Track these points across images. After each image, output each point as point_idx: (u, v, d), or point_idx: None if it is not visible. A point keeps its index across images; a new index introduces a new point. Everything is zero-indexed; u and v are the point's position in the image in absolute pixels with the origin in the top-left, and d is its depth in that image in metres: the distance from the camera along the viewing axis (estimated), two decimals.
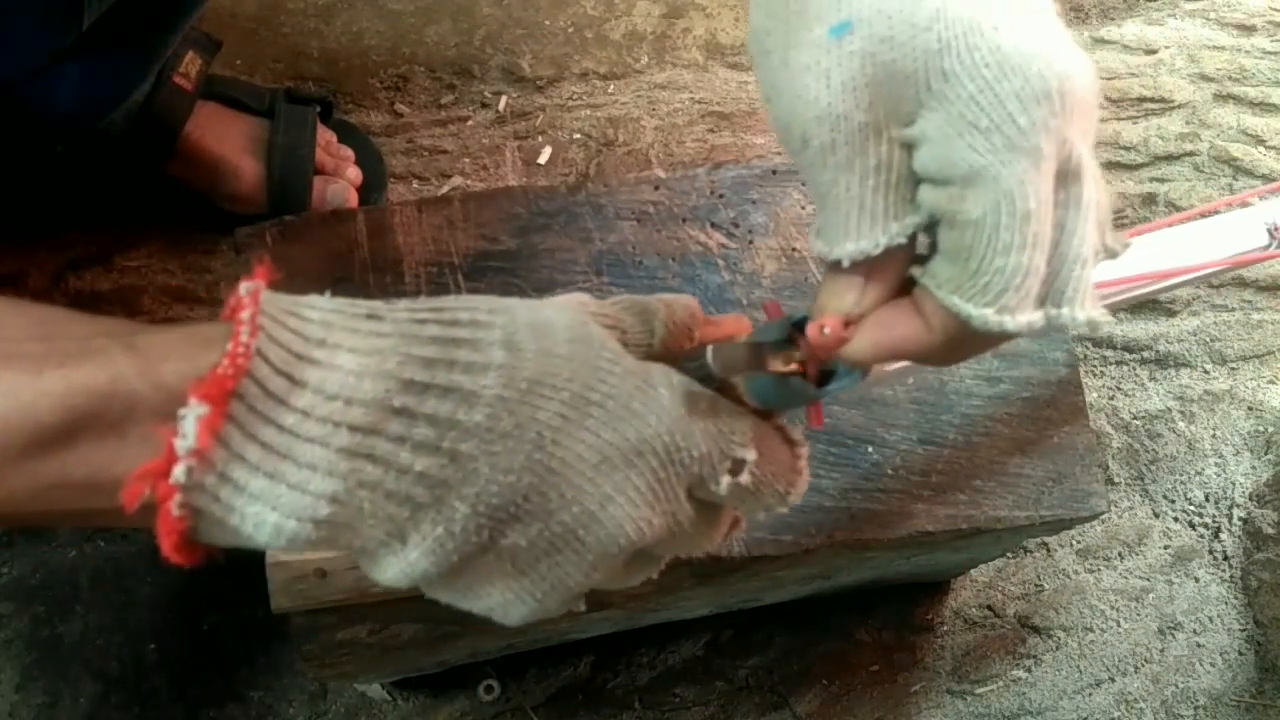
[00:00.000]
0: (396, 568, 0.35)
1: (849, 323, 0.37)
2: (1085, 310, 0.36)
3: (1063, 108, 0.33)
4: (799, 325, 0.39)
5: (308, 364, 0.32)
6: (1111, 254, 0.37)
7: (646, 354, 0.40)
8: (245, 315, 0.32)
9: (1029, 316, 0.35)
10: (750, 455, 0.37)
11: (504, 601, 0.37)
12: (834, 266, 0.38)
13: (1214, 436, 1.10)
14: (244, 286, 0.33)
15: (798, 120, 0.36)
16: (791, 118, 0.36)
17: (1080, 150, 0.35)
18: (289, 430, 0.31)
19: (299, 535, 0.32)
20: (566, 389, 0.35)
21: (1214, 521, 1.07)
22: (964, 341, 0.37)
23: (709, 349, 0.37)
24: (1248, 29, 1.25)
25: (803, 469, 0.39)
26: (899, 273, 0.38)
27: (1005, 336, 0.36)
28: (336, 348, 0.33)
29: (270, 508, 0.32)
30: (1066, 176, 0.35)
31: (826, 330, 0.37)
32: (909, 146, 0.36)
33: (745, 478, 0.37)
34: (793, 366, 0.39)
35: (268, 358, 0.32)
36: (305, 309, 0.34)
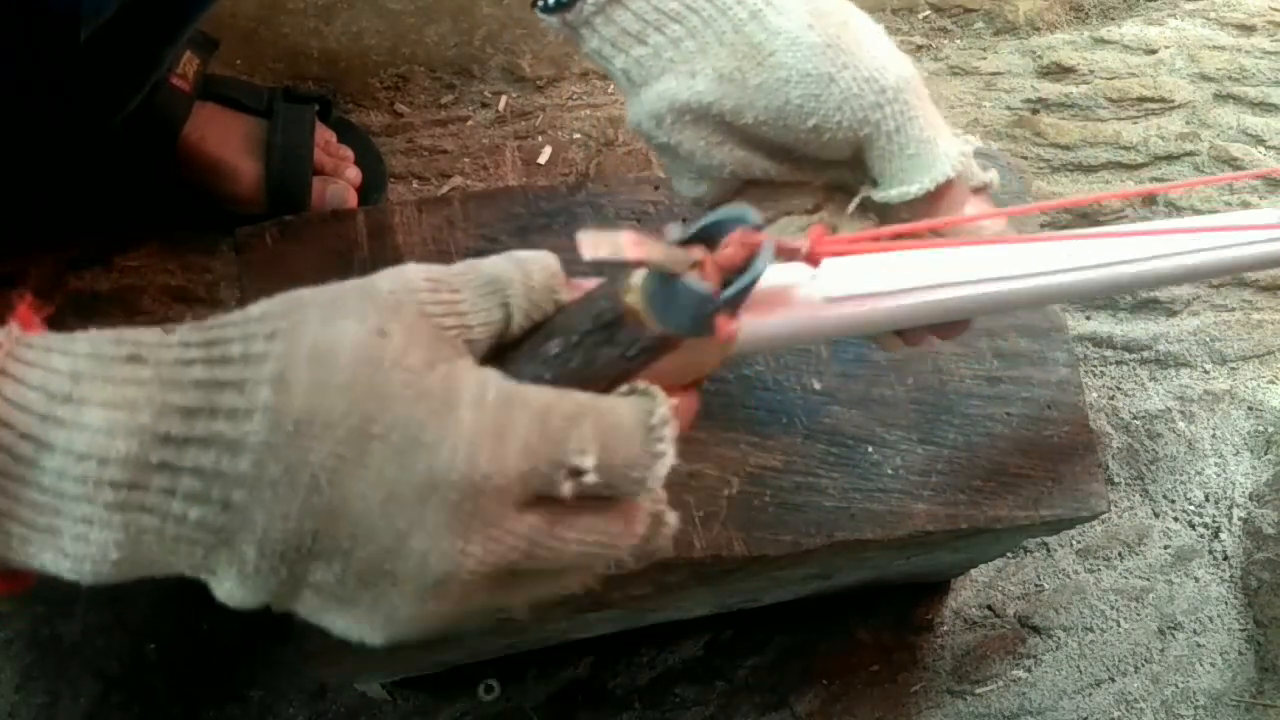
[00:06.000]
0: (222, 594, 0.34)
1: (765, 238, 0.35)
2: None
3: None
4: (712, 229, 0.36)
5: (52, 424, 0.31)
6: None
7: (500, 337, 0.37)
8: None
9: None
10: (588, 462, 0.34)
11: (349, 629, 0.35)
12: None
13: (1214, 436, 1.10)
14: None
15: None
16: None
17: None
18: (50, 490, 0.31)
19: (102, 574, 0.32)
20: (342, 425, 0.32)
21: (1214, 521, 1.07)
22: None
23: (580, 234, 0.34)
24: (1248, 29, 1.25)
25: (662, 452, 0.36)
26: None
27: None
28: (83, 403, 0.31)
29: (61, 555, 0.32)
30: None
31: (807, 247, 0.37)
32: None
33: (590, 479, 0.34)
34: (687, 271, 0.34)
35: (10, 422, 0.31)
36: (56, 357, 0.32)
